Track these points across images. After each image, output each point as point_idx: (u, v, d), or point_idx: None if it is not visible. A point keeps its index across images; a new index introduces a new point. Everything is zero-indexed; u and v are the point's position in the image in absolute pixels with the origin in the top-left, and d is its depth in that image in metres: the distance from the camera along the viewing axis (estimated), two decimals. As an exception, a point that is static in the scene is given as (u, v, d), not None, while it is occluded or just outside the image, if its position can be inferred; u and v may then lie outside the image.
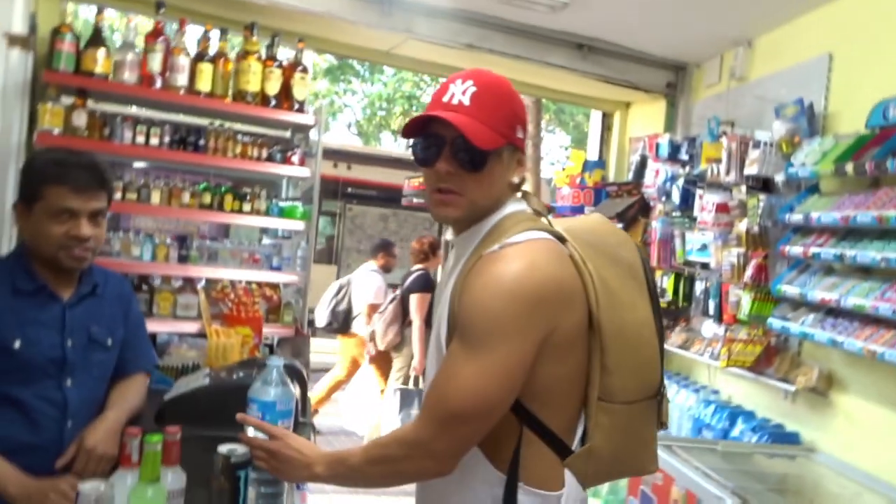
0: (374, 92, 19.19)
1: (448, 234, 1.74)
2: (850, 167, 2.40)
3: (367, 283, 5.80)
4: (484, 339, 1.27)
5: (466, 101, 1.32)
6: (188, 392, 1.97)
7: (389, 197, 10.80)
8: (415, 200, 10.55)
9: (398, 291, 5.36)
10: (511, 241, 1.32)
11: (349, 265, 8.90)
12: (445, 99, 1.35)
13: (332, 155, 9.18)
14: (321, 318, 5.86)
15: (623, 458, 1.43)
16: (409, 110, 18.73)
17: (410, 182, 10.68)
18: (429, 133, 1.36)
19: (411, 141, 1.40)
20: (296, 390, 1.82)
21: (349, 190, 10.48)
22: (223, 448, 1.48)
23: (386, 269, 5.98)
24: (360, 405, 5.48)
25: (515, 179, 1.42)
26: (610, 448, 1.38)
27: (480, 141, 1.30)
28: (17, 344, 1.70)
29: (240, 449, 1.48)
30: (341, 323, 5.83)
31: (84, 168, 1.75)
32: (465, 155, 1.32)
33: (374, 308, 5.55)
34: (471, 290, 1.31)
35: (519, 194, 1.44)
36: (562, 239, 1.38)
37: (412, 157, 1.43)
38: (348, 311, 5.81)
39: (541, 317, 1.28)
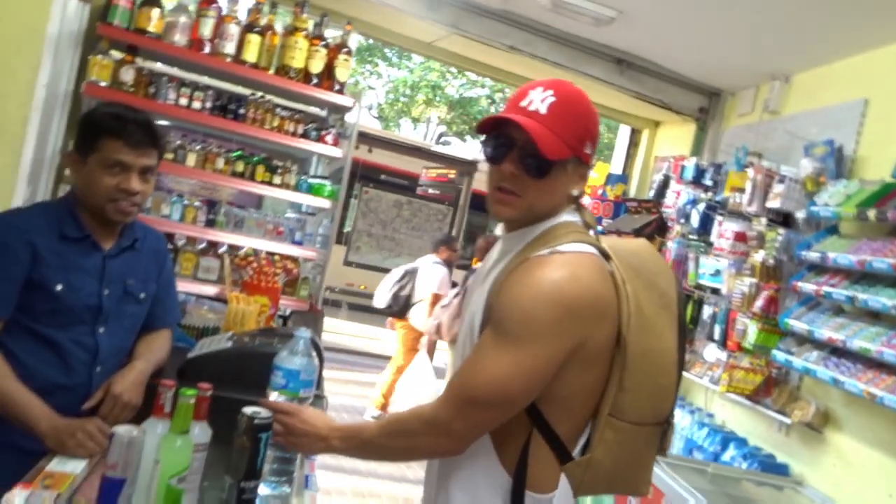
0: (400, 77, 19.25)
1: (498, 230, 1.84)
2: (871, 213, 2.46)
3: (432, 274, 5.98)
4: (517, 335, 1.32)
5: (543, 110, 1.36)
6: (211, 352, 2.03)
7: (405, 184, 10.86)
8: (430, 191, 10.63)
9: (460, 287, 5.48)
10: (560, 249, 1.36)
11: (359, 247, 8.98)
12: (523, 104, 1.39)
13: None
14: (381, 299, 6.07)
15: (619, 475, 1.47)
16: (432, 99, 18.80)
17: (427, 172, 10.74)
18: (501, 133, 1.41)
19: (483, 137, 1.45)
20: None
21: (367, 173, 10.54)
22: (248, 409, 1.54)
23: (448, 263, 6.12)
24: (416, 390, 5.61)
25: (575, 192, 1.46)
26: (609, 462, 1.43)
27: (548, 150, 1.34)
28: (59, 287, 1.76)
29: (263, 412, 1.55)
30: (401, 307, 6.02)
31: (140, 125, 1.82)
32: (531, 161, 1.37)
33: (437, 297, 5.71)
34: (512, 289, 1.36)
35: (573, 205, 1.48)
36: (606, 255, 1.42)
37: (441, 152, 1.50)
38: (409, 297, 5.96)
39: (575, 325, 1.33)
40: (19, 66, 2.69)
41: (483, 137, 1.46)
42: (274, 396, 1.59)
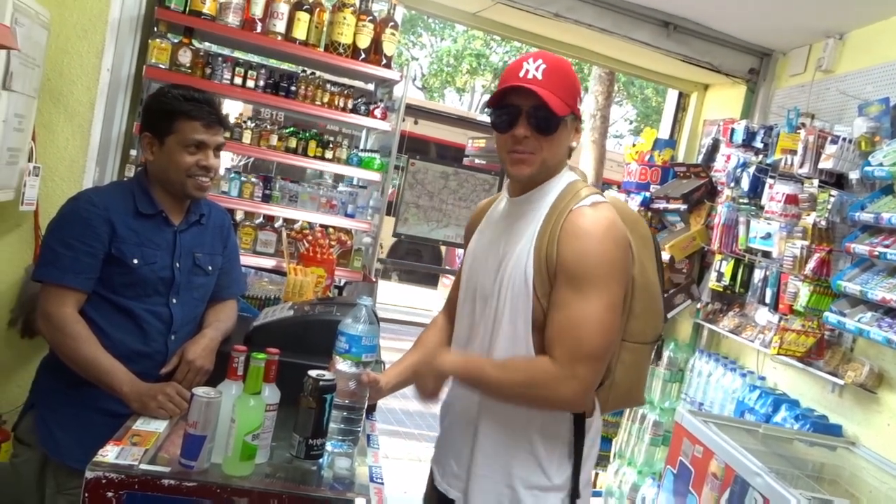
0: (444, 47, 19.14)
1: (505, 189, 1.91)
2: (928, 172, 2.42)
3: None
4: (598, 282, 1.49)
5: (539, 76, 1.54)
6: (275, 321, 2.13)
7: (451, 155, 10.88)
8: (476, 161, 10.63)
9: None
10: (597, 200, 1.57)
11: (406, 219, 9.08)
12: (521, 75, 1.56)
13: (400, 108, 9.24)
14: None
15: (632, 391, 1.72)
16: (476, 68, 18.66)
17: (473, 143, 10.73)
18: (506, 104, 1.58)
19: (489, 110, 1.61)
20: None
21: (413, 145, 10.60)
22: (313, 372, 1.65)
23: None
24: None
25: (574, 144, 1.66)
26: (627, 381, 1.68)
27: (556, 107, 1.53)
28: (135, 261, 1.89)
29: (328, 374, 1.65)
30: None
31: (210, 105, 1.93)
32: (541, 120, 1.55)
33: None
34: (572, 241, 1.52)
35: (566, 167, 1.67)
36: None
37: (486, 121, 1.65)
38: None
39: (628, 261, 1.56)
40: (85, 51, 2.82)
41: (490, 111, 1.61)
42: (339, 361, 1.69)
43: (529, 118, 1.54)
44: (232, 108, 5.15)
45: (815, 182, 2.98)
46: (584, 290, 1.49)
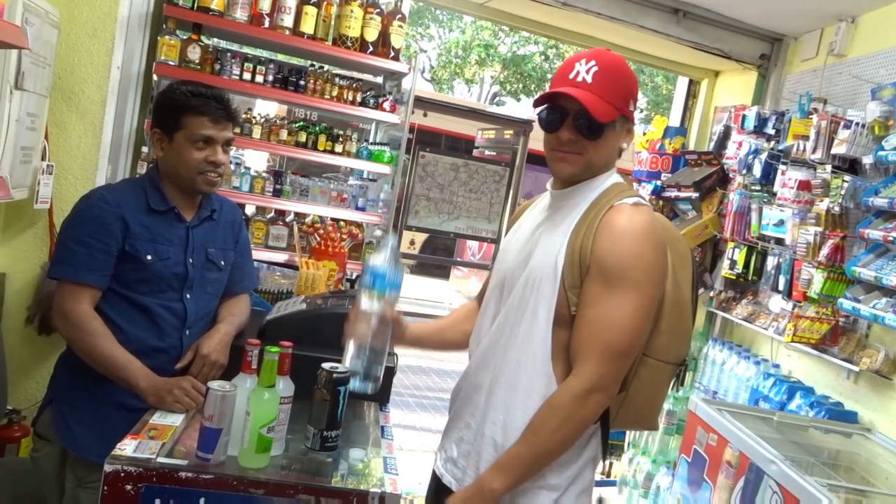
0: (452, 39, 19.06)
1: (548, 184, 1.90)
2: (943, 155, 2.39)
3: None
4: (633, 281, 1.48)
5: (589, 79, 1.53)
6: (287, 314, 2.15)
7: (461, 147, 10.84)
8: (486, 152, 10.59)
9: None
10: (640, 202, 1.56)
11: (417, 212, 9.09)
12: (571, 76, 1.55)
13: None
14: None
15: (644, 411, 1.65)
16: (485, 59, 18.57)
17: (483, 134, 10.69)
18: (554, 105, 1.58)
19: (538, 109, 1.61)
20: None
21: (422, 137, 10.57)
22: (327, 365, 1.66)
23: None
24: None
25: (624, 145, 1.65)
26: (640, 398, 1.62)
27: (600, 115, 1.51)
28: (149, 257, 1.91)
29: (340, 367, 1.66)
30: None
31: (218, 101, 1.94)
32: (585, 125, 1.54)
33: None
34: (612, 237, 1.50)
35: (614, 169, 1.65)
36: None
37: (496, 113, 1.62)
38: None
39: (666, 265, 1.55)
40: (95, 50, 2.84)
41: (538, 110, 1.61)
42: (363, 300, 1.66)
43: (576, 121, 1.54)
44: (269, 110, 5.17)
45: (828, 167, 2.95)
46: (617, 288, 1.47)
